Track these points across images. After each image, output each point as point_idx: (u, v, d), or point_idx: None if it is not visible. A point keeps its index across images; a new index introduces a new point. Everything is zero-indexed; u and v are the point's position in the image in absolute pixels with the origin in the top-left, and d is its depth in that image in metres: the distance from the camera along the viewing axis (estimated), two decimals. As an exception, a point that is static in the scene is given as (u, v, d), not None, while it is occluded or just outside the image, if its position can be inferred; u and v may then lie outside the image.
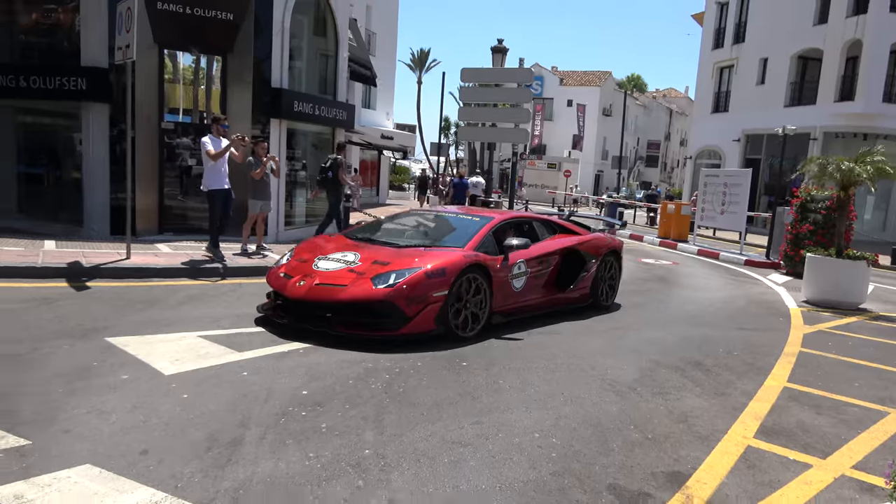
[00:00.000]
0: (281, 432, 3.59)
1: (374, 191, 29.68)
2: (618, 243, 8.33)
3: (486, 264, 6.10)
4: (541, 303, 7.03)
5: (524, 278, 6.71)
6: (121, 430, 3.47)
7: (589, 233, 8.09)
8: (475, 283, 5.98)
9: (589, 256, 7.60)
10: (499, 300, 6.32)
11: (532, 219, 7.83)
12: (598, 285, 7.78)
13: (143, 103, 11.89)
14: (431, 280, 5.54)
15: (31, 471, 2.98)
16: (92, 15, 11.75)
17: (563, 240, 7.50)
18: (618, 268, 8.27)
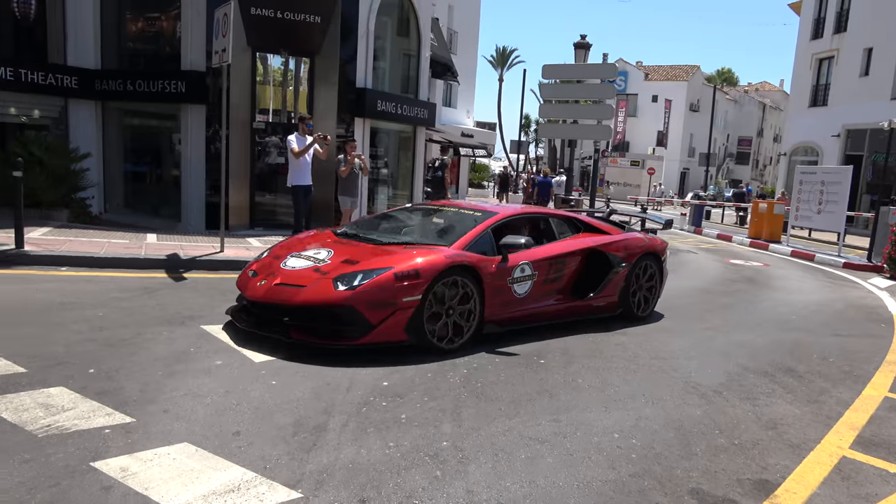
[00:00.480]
0: (362, 421, 3.70)
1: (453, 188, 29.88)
2: (658, 245, 7.21)
3: (475, 266, 5.27)
4: (554, 311, 6.15)
5: (530, 283, 5.81)
6: (215, 412, 3.67)
7: (622, 232, 7.08)
8: (462, 288, 5.18)
9: (617, 259, 6.60)
10: (494, 307, 5.48)
11: (549, 215, 6.84)
12: (629, 292, 6.74)
13: (236, 104, 12.47)
14: (401, 283, 4.80)
15: (135, 446, 3.21)
16: (191, 21, 12.41)
17: (584, 240, 6.55)
18: (658, 273, 7.12)
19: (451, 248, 5.38)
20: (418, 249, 5.30)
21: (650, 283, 7.04)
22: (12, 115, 12.85)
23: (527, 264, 5.80)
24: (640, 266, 6.87)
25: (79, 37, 13.22)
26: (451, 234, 5.79)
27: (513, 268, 5.66)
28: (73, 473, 2.90)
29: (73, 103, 13.28)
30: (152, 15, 13.74)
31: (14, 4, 12.66)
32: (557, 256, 6.17)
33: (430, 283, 4.91)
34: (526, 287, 5.80)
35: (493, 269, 5.46)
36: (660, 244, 7.26)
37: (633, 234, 7.14)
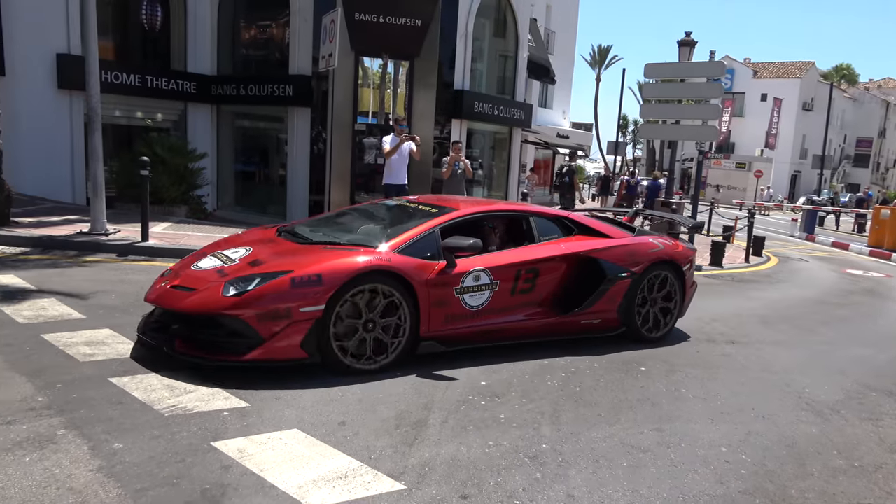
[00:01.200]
0: (462, 419, 3.75)
1: (547, 190, 29.60)
2: (678, 252, 5.98)
3: (403, 272, 4.39)
4: (527, 328, 5.16)
5: (488, 293, 4.86)
6: (321, 402, 3.84)
7: (630, 235, 5.90)
8: (386, 298, 4.36)
9: (614, 268, 5.46)
10: (436, 322, 4.61)
11: (530, 213, 5.66)
12: (633, 308, 5.59)
13: (339, 106, 12.92)
14: (299, 290, 4.06)
15: (251, 429, 3.40)
16: (299, 28, 12.99)
17: (571, 244, 5.48)
18: (678, 286, 5.87)
19: (377, 249, 4.56)
20: (340, 251, 4.53)
21: (665, 297, 5.83)
22: (139, 118, 13.91)
23: (483, 271, 4.85)
24: (651, 276, 5.69)
25: (198, 45, 14.13)
26: (387, 232, 4.97)
27: (461, 275, 4.72)
28: (195, 451, 3.12)
29: (191, 107, 14.21)
30: (263, 23, 14.48)
31: (143, 16, 13.71)
32: (529, 263, 5.13)
33: (336, 292, 4.13)
34: (482, 299, 4.85)
35: (433, 276, 4.56)
36: (681, 251, 6.04)
37: (644, 238, 5.93)
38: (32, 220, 9.00)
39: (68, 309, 5.33)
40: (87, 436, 3.19)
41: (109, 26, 13.59)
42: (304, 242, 4.90)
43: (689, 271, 6.09)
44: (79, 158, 12.20)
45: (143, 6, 13.74)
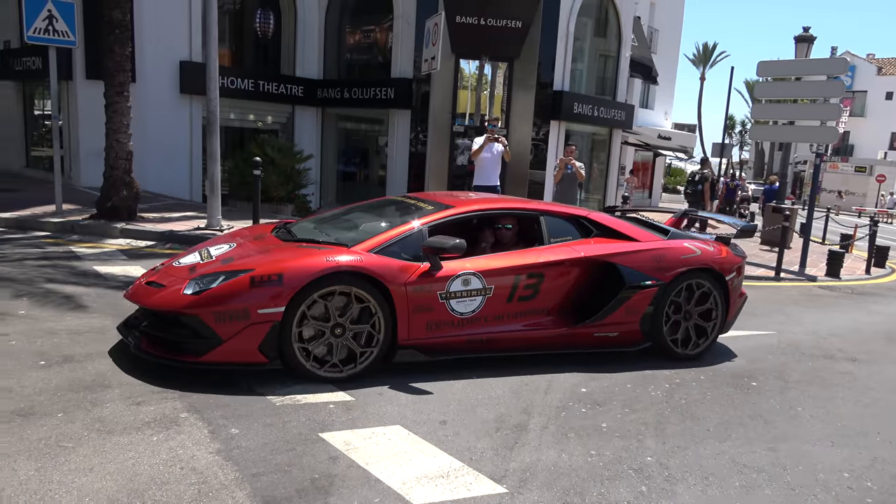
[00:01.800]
0: (562, 425, 3.69)
1: (646, 193, 28.70)
2: (721, 259, 5.26)
3: (378, 274, 4.06)
4: (530, 339, 4.67)
5: (480, 299, 4.44)
6: (422, 400, 3.89)
7: (660, 239, 5.24)
8: (359, 302, 4.06)
9: (634, 275, 4.86)
10: (417, 329, 4.25)
11: (542, 212, 5.10)
12: (660, 321, 4.96)
13: (438, 109, 13.10)
14: (258, 290, 3.84)
15: (356, 423, 3.50)
16: (402, 32, 13.27)
17: (587, 246, 4.93)
18: (720, 297, 5.19)
19: (350, 249, 4.24)
20: (312, 250, 4.25)
21: (704, 309, 5.17)
22: (251, 120, 14.69)
23: (474, 275, 4.42)
24: (685, 286, 5.05)
25: (306, 50, 14.73)
26: (369, 230, 4.66)
27: (448, 278, 4.32)
28: (305, 441, 3.24)
29: (298, 110, 14.85)
30: (367, 28, 14.90)
31: (257, 24, 14.44)
32: (532, 267, 4.64)
33: (297, 293, 3.87)
34: (473, 305, 4.43)
35: (413, 280, 4.20)
36: (724, 257, 5.31)
37: (678, 242, 5.25)
38: (156, 216, 9.70)
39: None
40: (207, 420, 3.39)
41: (226, 34, 14.45)
42: (288, 240, 4.65)
43: (735, 281, 5.37)
44: (196, 158, 13.04)
45: (257, 15, 14.49)
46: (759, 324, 6.84)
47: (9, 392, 3.56)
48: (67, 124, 12.59)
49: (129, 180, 9.13)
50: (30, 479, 2.74)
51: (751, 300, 8.12)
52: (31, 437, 3.10)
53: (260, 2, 14.75)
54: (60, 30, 8.65)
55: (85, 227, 8.60)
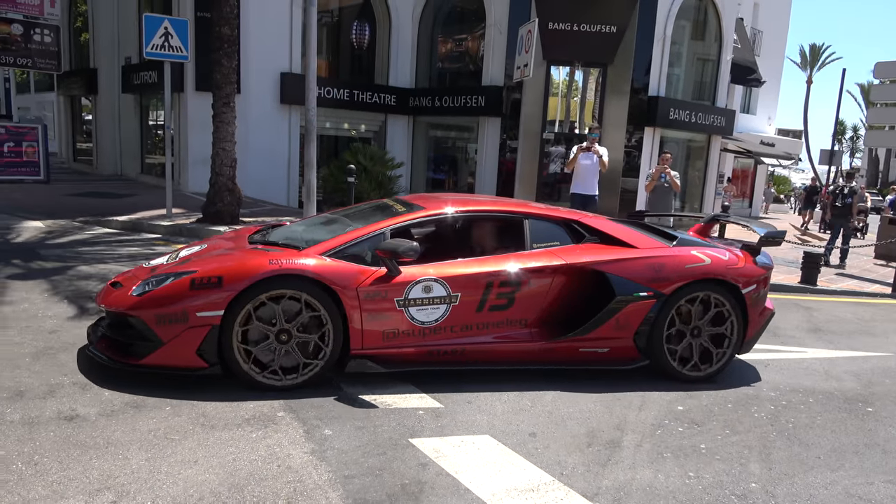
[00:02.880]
0: (658, 444, 3.55)
1: (745, 202, 27.33)
2: (737, 269, 4.65)
3: (325, 278, 3.84)
4: (498, 351, 4.29)
5: (444, 307, 4.11)
6: (512, 410, 3.85)
7: (664, 246, 4.72)
8: (307, 308, 3.86)
9: (628, 285, 4.38)
10: (372, 337, 4.00)
11: (525, 214, 4.67)
12: (659, 337, 4.46)
13: (528, 116, 13.02)
14: (197, 292, 3.72)
15: (444, 430, 3.50)
16: (493, 40, 13.30)
17: (575, 253, 4.50)
18: (737, 313, 4.60)
19: (303, 251, 4.08)
20: (262, 253, 4.06)
21: (716, 327, 4.60)
22: (345, 129, 15.15)
23: (436, 282, 4.09)
24: (691, 298, 4.50)
25: (399, 60, 15.05)
26: (328, 235, 4.39)
27: (406, 285, 4.02)
28: (395, 446, 3.28)
29: (391, 118, 15.18)
30: (459, 37, 15.04)
31: (353, 35, 14.89)
32: (505, 274, 4.25)
33: (236, 297, 3.71)
34: (437, 314, 4.11)
35: (366, 285, 3.93)
36: (740, 268, 4.66)
37: (684, 249, 4.68)
38: (256, 220, 10.16)
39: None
40: (302, 419, 3.50)
41: (324, 46, 14.98)
42: (255, 243, 4.50)
43: (756, 294, 4.71)
44: (294, 165, 13.58)
45: (353, 27, 14.95)
46: (876, 344, 6.33)
47: (127, 385, 3.80)
48: (178, 133, 13.44)
49: (233, 186, 9.61)
50: (140, 468, 2.91)
51: (865, 319, 7.55)
52: (142, 428, 3.29)
53: (356, 14, 15.21)
54: (175, 45, 9.24)
55: (191, 230, 9.12)
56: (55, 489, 2.70)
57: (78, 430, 3.22)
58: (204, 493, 2.73)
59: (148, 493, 2.70)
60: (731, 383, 4.65)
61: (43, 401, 3.53)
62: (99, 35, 17.39)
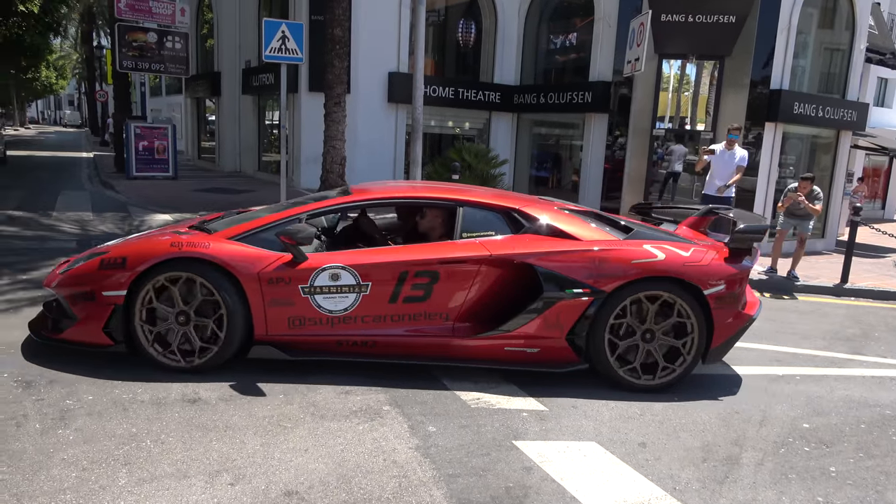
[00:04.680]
0: (781, 463, 3.29)
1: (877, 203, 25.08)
2: (698, 267, 4.06)
3: (225, 262, 3.83)
4: (412, 345, 4.05)
5: (354, 296, 3.95)
6: (619, 417, 3.70)
7: (613, 239, 4.21)
8: (202, 292, 3.87)
9: (559, 281, 3.97)
10: (276, 324, 3.93)
11: (460, 202, 4.32)
12: (600, 339, 4.01)
13: (638, 112, 12.56)
14: (105, 272, 3.87)
15: (549, 434, 3.42)
16: (602, 35, 12.93)
17: (505, 243, 4.12)
18: (694, 317, 4.04)
19: (212, 235, 4.08)
20: (171, 236, 4.09)
21: (672, 330, 4.09)
22: (449, 127, 15.26)
23: (344, 269, 3.94)
24: (640, 297, 4.02)
25: (504, 57, 14.97)
26: (239, 220, 4.40)
27: (312, 271, 3.90)
28: (499, 447, 3.23)
29: (495, 116, 15.13)
30: (565, 32, 14.74)
31: (459, 34, 14.97)
32: (424, 263, 3.99)
33: (137, 277, 3.82)
34: (345, 303, 3.96)
35: (269, 270, 3.87)
36: (704, 265, 4.08)
37: (636, 242, 4.18)
38: (363, 217, 10.43)
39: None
40: (407, 415, 3.53)
41: (430, 45, 15.16)
42: (192, 227, 4.48)
43: (724, 296, 4.08)
44: (399, 163, 13.83)
45: (459, 25, 15.02)
46: None
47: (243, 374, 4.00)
48: (292, 132, 14.05)
49: (342, 183, 9.92)
50: (256, 452, 3.04)
51: None
52: (258, 413, 3.44)
53: (462, 13, 15.27)
54: (290, 48, 9.64)
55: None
56: (179, 468, 2.87)
57: (200, 412, 3.41)
58: (314, 482, 2.80)
59: (262, 478, 2.81)
60: (861, 400, 4.24)
61: (170, 383, 3.77)
62: (222, 41, 18.52)
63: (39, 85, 54.77)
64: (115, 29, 14.84)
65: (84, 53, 40.49)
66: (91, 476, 2.76)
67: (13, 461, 2.85)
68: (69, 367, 3.88)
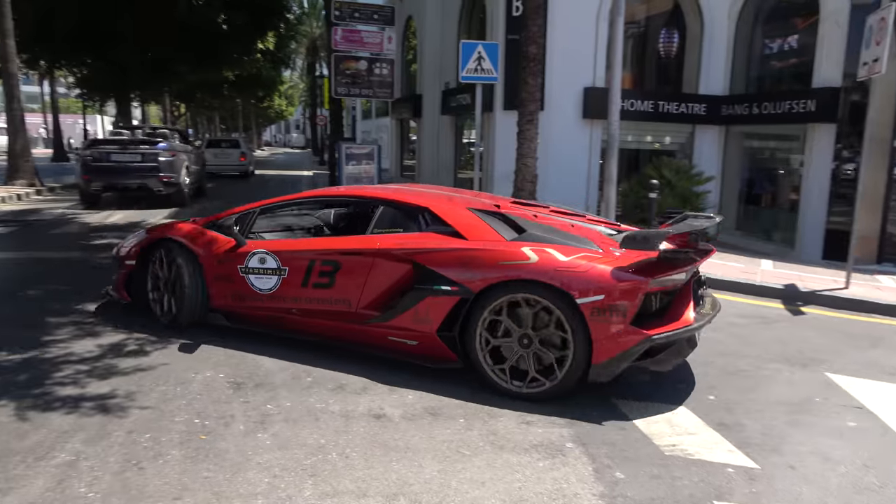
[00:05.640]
0: None
1: None
2: (575, 274, 3.75)
3: (183, 242, 4.98)
4: (320, 325, 4.56)
5: (276, 279, 4.65)
6: (851, 486, 3.08)
7: (500, 240, 4.13)
8: (171, 265, 4.98)
9: (433, 276, 4.10)
10: (224, 297, 4.87)
11: (381, 200, 4.75)
12: (472, 338, 3.97)
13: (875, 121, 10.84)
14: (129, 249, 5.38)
15: (760, 498, 2.93)
16: (827, 35, 11.45)
17: (397, 240, 4.36)
18: (574, 331, 3.74)
19: (193, 221, 5.39)
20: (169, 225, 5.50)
21: (549, 338, 3.84)
22: (647, 142, 14.48)
23: (268, 254, 4.68)
24: (511, 301, 3.89)
25: (711, 66, 13.89)
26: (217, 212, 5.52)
27: (246, 254, 4.75)
28: (697, 506, 2.83)
29: (699, 129, 14.08)
30: (783, 34, 13.30)
31: (660, 44, 14.20)
32: (327, 253, 4.52)
33: (141, 251, 5.22)
34: (270, 283, 4.68)
35: (220, 252, 4.85)
36: (579, 273, 3.77)
37: (511, 245, 4.05)
38: (553, 235, 10.20)
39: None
40: (592, 456, 3.24)
41: (628, 57, 14.54)
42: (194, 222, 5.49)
43: (604, 309, 3.70)
44: (593, 181, 13.41)
45: (661, 35, 14.25)
46: None
47: (424, 392, 4.00)
48: (486, 151, 14.28)
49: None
50: (433, 479, 2.97)
51: None
52: (438, 437, 3.39)
53: (663, 22, 14.44)
54: (486, 68, 9.78)
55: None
56: (359, 486, 2.89)
57: (383, 429, 3.45)
58: (489, 520, 2.65)
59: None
60: None
61: (358, 396, 3.88)
62: (424, 64, 19.51)
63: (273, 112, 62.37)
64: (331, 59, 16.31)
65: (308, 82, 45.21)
66: (280, 483, 2.88)
67: (218, 460, 3.07)
68: (270, 377, 4.17)
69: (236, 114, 55.58)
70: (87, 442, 3.20)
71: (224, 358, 4.46)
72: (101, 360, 4.34)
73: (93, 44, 19.76)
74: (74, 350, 4.53)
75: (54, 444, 3.17)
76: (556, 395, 3.86)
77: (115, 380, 4.01)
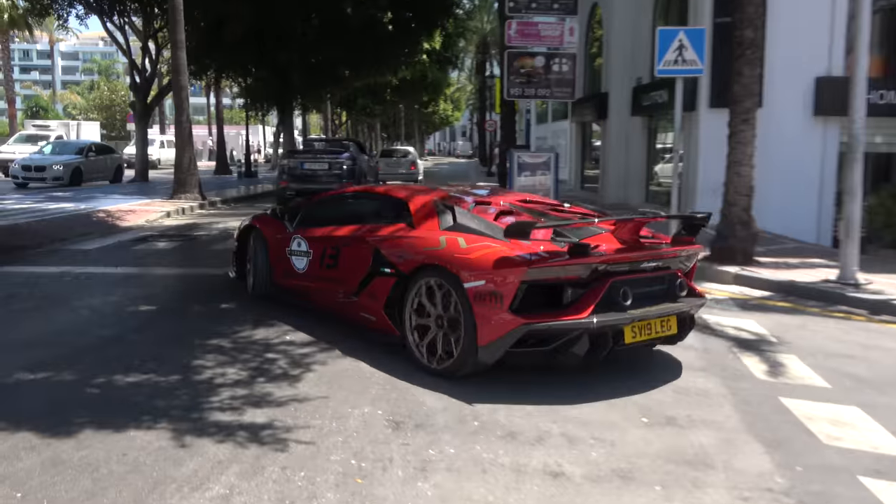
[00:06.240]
0: None
1: None
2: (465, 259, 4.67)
3: (260, 229, 7.03)
4: (329, 303, 6.09)
5: (305, 260, 6.33)
6: None
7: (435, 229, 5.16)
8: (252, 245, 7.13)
9: (382, 261, 5.40)
10: (280, 274, 6.71)
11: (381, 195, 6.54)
12: (404, 317, 5.09)
13: None
14: (236, 233, 7.76)
15: None
16: None
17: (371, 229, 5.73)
18: (464, 312, 4.59)
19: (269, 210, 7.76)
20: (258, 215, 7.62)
21: (449, 316, 4.76)
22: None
23: (302, 239, 6.40)
24: (426, 283, 4.92)
25: None
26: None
27: (289, 239, 6.54)
28: None
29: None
30: None
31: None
32: (332, 240, 6.12)
33: (240, 235, 7.52)
34: (302, 263, 6.36)
35: (279, 237, 6.71)
36: (466, 257, 4.67)
37: (438, 232, 5.13)
38: (774, 261, 9.45)
39: (809, 371, 5.21)
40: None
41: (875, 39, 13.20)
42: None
43: (484, 294, 4.48)
44: (827, 193, 12.30)
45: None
46: None
47: (612, 446, 3.83)
48: (687, 157, 13.66)
49: (748, 219, 9.17)
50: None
51: None
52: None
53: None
54: (689, 59, 9.38)
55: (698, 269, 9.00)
56: (534, 557, 2.79)
57: (561, 491, 3.33)
58: None
59: None
60: None
61: (532, 447, 3.80)
62: (611, 58, 19.18)
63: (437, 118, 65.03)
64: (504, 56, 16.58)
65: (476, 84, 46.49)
66: (444, 544, 2.87)
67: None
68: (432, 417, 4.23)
69: (398, 121, 58.68)
70: (241, 476, 3.43)
71: (382, 392, 4.60)
72: (256, 387, 4.68)
73: (259, 50, 21.90)
74: (228, 373, 4.93)
75: (209, 474, 3.44)
76: (456, 372, 4.68)
77: (270, 410, 4.29)
